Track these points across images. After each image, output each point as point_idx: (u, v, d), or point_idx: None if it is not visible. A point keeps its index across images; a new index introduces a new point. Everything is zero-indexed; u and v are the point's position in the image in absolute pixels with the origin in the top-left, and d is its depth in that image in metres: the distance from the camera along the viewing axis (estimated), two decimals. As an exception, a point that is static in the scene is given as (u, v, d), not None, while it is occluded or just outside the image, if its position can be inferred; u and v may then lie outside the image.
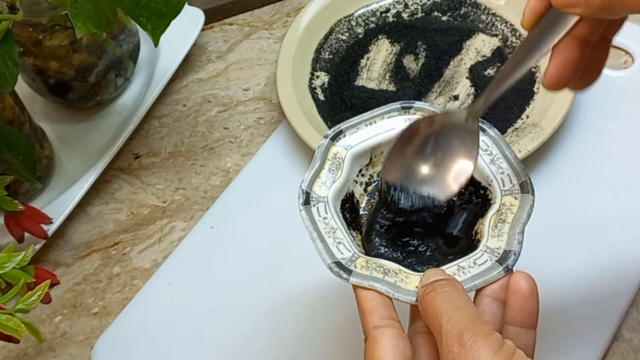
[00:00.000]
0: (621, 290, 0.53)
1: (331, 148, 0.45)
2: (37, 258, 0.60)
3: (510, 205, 0.42)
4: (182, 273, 0.58)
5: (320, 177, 0.44)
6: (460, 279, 0.39)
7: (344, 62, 0.68)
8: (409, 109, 0.46)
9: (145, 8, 0.52)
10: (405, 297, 0.38)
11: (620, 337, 0.52)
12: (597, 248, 0.55)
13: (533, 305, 0.37)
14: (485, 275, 0.39)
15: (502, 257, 0.39)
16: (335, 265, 0.40)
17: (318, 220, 0.42)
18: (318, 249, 0.41)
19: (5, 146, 0.54)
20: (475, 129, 0.42)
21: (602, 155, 0.60)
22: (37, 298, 0.46)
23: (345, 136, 0.45)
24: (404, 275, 0.39)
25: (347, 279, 0.39)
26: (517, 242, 0.40)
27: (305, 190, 0.43)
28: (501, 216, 0.41)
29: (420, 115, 0.45)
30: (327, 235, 0.41)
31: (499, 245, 0.40)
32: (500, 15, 0.68)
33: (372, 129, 0.46)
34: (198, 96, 0.70)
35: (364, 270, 0.40)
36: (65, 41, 0.61)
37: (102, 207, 0.64)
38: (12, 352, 0.56)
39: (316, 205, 0.43)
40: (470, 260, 0.40)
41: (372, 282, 0.39)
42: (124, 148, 0.66)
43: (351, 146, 0.45)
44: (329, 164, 0.44)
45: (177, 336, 0.55)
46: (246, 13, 0.77)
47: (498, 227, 0.41)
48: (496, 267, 0.39)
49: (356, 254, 0.40)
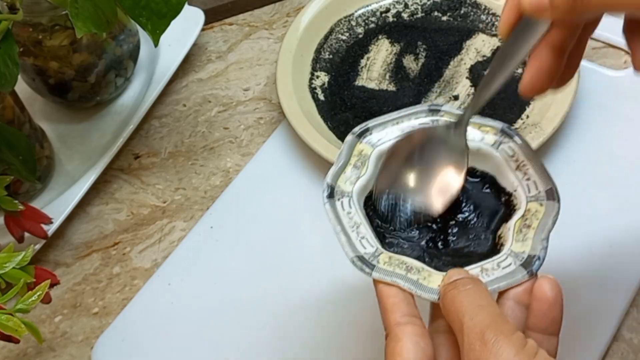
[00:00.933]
0: (621, 290, 0.53)
1: (357, 145, 0.45)
2: (37, 258, 0.60)
3: (536, 212, 0.42)
4: (182, 273, 0.58)
5: (345, 172, 0.44)
6: (484, 280, 0.39)
7: (344, 62, 0.68)
8: (437, 112, 0.46)
9: (145, 8, 0.52)
10: (428, 294, 0.38)
11: (620, 337, 0.52)
12: (597, 248, 0.55)
13: (557, 312, 0.37)
14: (509, 278, 0.39)
15: (527, 261, 0.39)
16: (358, 260, 0.40)
17: (342, 215, 0.42)
18: (341, 242, 0.40)
19: (5, 146, 0.54)
20: (463, 143, 0.43)
21: (602, 155, 0.60)
22: (37, 298, 0.46)
23: (372, 134, 0.45)
24: (426, 273, 0.39)
25: (370, 273, 0.39)
26: (542, 247, 0.40)
27: (330, 184, 0.43)
28: (526, 222, 0.41)
29: (447, 118, 0.45)
30: (351, 229, 0.41)
31: (523, 249, 0.40)
32: (500, 15, 0.68)
33: (398, 129, 0.45)
34: (198, 96, 0.70)
35: (387, 266, 0.39)
36: (65, 41, 0.61)
37: (102, 207, 0.64)
38: (12, 352, 0.56)
39: (340, 200, 0.42)
40: (494, 263, 0.40)
41: (395, 278, 0.39)
42: (124, 148, 0.66)
43: (377, 144, 0.45)
44: (354, 160, 0.44)
45: (177, 336, 0.55)
46: (246, 13, 0.77)
47: (523, 232, 0.41)
48: (520, 271, 0.39)
49: (379, 250, 0.40)
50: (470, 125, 0.44)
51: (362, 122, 0.63)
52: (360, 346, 0.53)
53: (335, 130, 0.63)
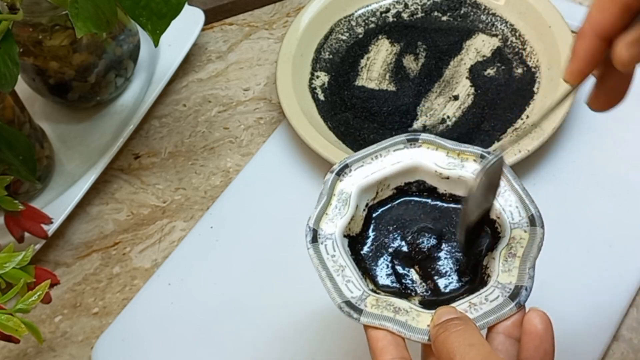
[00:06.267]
0: (621, 290, 0.53)
1: (337, 184, 0.44)
2: (37, 258, 0.60)
3: (520, 239, 0.41)
4: (182, 273, 0.58)
5: (327, 213, 0.43)
6: (472, 316, 0.38)
7: (344, 62, 0.68)
8: (415, 141, 0.45)
9: (145, 8, 0.52)
10: (418, 336, 0.38)
11: (620, 337, 0.52)
12: (597, 248, 0.55)
13: (548, 345, 0.37)
14: (498, 311, 0.38)
15: (514, 292, 0.39)
16: (346, 305, 0.39)
17: (326, 259, 0.41)
18: (327, 289, 0.40)
19: (5, 146, 0.54)
20: None
21: (602, 155, 0.60)
22: (37, 298, 0.46)
23: (351, 170, 0.44)
24: (415, 313, 0.39)
25: (358, 318, 0.39)
26: (529, 277, 0.39)
27: (313, 228, 0.42)
28: (511, 250, 0.41)
29: (426, 147, 0.45)
30: (336, 273, 0.41)
31: (510, 280, 0.40)
32: (500, 15, 0.68)
33: (378, 163, 0.45)
34: (198, 96, 0.70)
35: (375, 309, 0.39)
36: (65, 41, 0.61)
37: (102, 207, 0.64)
38: (12, 352, 0.56)
39: (324, 243, 0.42)
40: (482, 297, 0.39)
41: (384, 321, 0.38)
42: (124, 148, 0.66)
43: (357, 181, 0.44)
44: (335, 199, 0.44)
45: (177, 336, 0.55)
46: (246, 13, 0.77)
47: (508, 261, 0.41)
48: (508, 304, 0.39)
49: (366, 292, 0.40)
50: (450, 153, 0.45)
51: (362, 122, 0.63)
52: (361, 344, 0.53)
53: (335, 130, 0.63)
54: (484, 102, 0.63)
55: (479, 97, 0.64)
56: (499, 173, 0.41)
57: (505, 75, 0.65)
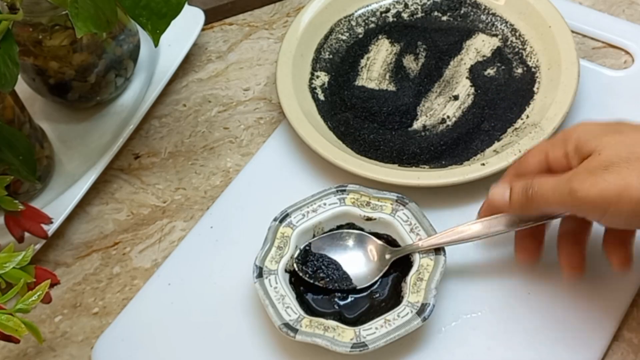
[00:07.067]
0: (621, 290, 0.53)
1: (279, 229, 0.54)
2: (37, 258, 0.60)
3: (427, 266, 0.51)
4: (182, 273, 0.58)
5: (271, 253, 0.53)
6: (386, 330, 0.48)
7: (344, 62, 0.68)
8: (343, 192, 0.55)
9: (145, 8, 0.52)
10: (342, 348, 0.48)
11: (620, 337, 0.52)
12: (597, 248, 0.55)
13: None
14: (407, 325, 0.48)
15: (421, 309, 0.49)
16: (284, 326, 0.49)
17: (270, 290, 0.51)
18: (269, 313, 0.50)
19: (5, 146, 0.54)
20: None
21: (602, 155, 0.60)
22: (37, 298, 0.46)
23: (291, 217, 0.54)
24: (340, 330, 0.49)
25: (294, 337, 0.48)
26: (432, 295, 0.49)
27: (259, 266, 0.52)
28: (420, 275, 0.51)
29: (352, 196, 0.55)
30: (278, 301, 0.50)
31: (417, 299, 0.49)
32: (500, 15, 0.68)
33: (312, 210, 0.55)
34: (198, 96, 0.70)
35: (308, 328, 0.49)
36: (65, 41, 0.61)
37: (102, 207, 0.64)
38: (12, 352, 0.56)
39: (268, 277, 0.52)
40: (395, 314, 0.49)
41: (314, 337, 0.48)
42: (124, 148, 0.66)
43: (296, 226, 0.54)
44: (277, 242, 0.53)
45: (177, 336, 0.55)
46: (246, 13, 0.77)
47: (417, 284, 0.50)
48: (415, 318, 0.48)
49: (302, 315, 0.50)
50: (371, 199, 0.55)
51: (362, 122, 0.63)
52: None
53: (335, 130, 0.63)
54: (484, 102, 0.63)
55: (479, 97, 0.64)
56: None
57: (505, 75, 0.65)
